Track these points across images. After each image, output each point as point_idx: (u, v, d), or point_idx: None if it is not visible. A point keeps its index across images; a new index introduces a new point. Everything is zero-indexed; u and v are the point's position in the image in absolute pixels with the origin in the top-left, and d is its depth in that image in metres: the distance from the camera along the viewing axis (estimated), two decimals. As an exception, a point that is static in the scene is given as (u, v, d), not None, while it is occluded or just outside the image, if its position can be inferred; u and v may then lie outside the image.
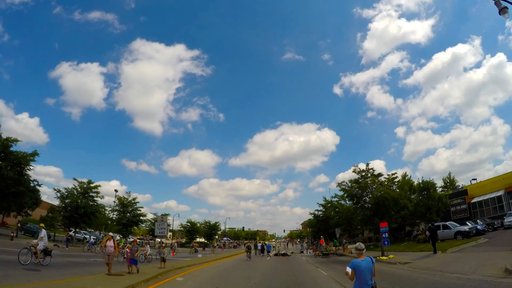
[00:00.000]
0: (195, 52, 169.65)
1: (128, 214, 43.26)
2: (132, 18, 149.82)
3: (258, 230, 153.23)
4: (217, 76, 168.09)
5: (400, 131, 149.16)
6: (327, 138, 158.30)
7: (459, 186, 45.25)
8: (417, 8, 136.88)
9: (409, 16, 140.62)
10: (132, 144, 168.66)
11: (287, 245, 59.91)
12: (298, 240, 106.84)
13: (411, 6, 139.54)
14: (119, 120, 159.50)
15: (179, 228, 68.55)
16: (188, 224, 68.01)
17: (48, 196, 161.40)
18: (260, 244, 43.01)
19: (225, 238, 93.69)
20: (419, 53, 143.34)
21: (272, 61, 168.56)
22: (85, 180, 34.98)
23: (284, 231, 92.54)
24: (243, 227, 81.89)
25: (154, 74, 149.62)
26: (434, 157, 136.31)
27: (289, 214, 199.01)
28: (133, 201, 44.64)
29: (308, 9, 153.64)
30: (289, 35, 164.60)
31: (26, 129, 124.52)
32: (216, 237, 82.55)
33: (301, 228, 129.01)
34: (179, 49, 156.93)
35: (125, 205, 44.35)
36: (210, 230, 71.03)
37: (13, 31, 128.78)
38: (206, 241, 71.67)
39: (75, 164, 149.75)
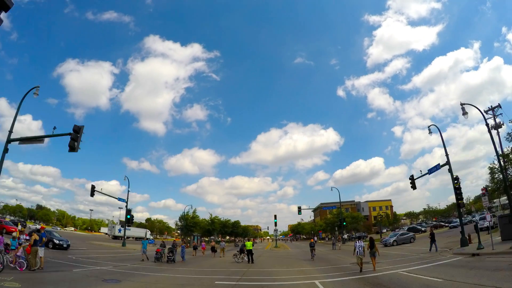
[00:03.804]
0: (209, 53, 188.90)
1: None
2: (149, 20, 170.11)
3: (248, 225, 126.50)
4: (228, 77, 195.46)
5: (398, 130, 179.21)
6: (330, 137, 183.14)
7: None
8: (428, 14, 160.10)
9: (418, 22, 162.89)
10: (135, 144, 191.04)
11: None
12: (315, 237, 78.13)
13: (422, 12, 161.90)
14: (124, 120, 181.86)
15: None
16: None
17: (43, 196, 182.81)
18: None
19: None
20: (421, 57, 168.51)
21: (283, 65, 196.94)
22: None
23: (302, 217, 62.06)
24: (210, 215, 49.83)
25: (165, 73, 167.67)
26: (429, 155, 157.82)
27: (286, 211, 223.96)
28: None
29: (322, 16, 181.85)
30: (301, 41, 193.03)
31: (28, 131, 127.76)
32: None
33: (314, 219, 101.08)
34: (195, 49, 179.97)
35: None
36: None
37: (21, 29, 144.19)
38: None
39: (75, 164, 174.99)
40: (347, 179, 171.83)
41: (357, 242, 16.46)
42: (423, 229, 56.53)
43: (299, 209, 55.13)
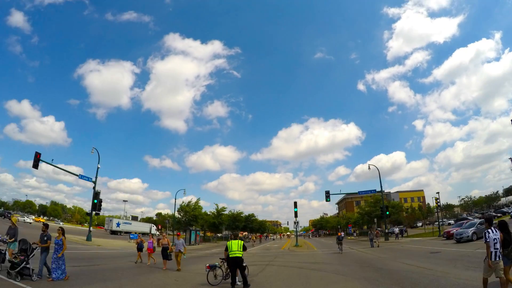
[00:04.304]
0: (229, 50, 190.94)
1: None
2: (168, 18, 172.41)
3: (265, 220, 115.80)
4: (249, 74, 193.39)
5: (419, 124, 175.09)
6: (352, 132, 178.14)
7: None
8: (448, 5, 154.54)
9: (438, 13, 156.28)
10: (156, 142, 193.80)
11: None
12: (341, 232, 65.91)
13: (442, 2, 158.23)
14: (145, 118, 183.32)
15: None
16: None
17: (65, 194, 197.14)
18: None
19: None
20: (442, 49, 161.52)
21: (303, 60, 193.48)
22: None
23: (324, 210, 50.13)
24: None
25: (185, 71, 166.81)
26: (451, 149, 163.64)
27: (307, 207, 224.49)
28: None
29: (341, 10, 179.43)
30: (321, 36, 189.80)
31: (51, 132, 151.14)
32: None
33: (338, 213, 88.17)
34: (215, 47, 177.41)
35: None
36: None
37: (41, 32, 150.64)
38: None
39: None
40: (368, 174, 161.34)
41: (491, 231, 7.00)
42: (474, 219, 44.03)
43: (327, 194, 42.67)
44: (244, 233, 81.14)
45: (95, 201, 33.16)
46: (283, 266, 17.33)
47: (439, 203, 38.10)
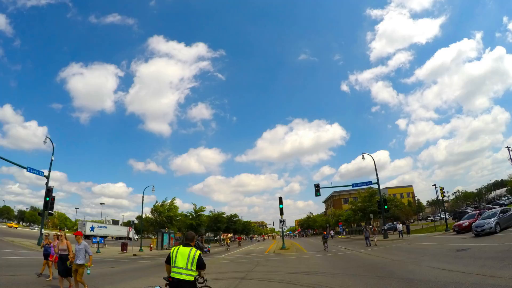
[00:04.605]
0: (214, 52, 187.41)
1: None
2: (153, 21, 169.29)
3: (249, 221, 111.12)
4: (233, 76, 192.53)
5: (402, 123, 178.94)
6: (336, 132, 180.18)
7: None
8: (431, 6, 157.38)
9: (421, 14, 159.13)
10: (141, 145, 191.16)
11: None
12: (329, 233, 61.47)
13: (425, 4, 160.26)
14: (129, 122, 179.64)
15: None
16: None
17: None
18: None
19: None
20: (424, 50, 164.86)
21: (287, 62, 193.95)
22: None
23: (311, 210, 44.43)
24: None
25: (170, 73, 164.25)
26: (434, 147, 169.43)
27: (292, 207, 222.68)
28: None
29: (324, 12, 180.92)
30: (305, 38, 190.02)
31: (34, 137, 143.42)
32: None
33: (325, 211, 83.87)
34: (200, 49, 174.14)
35: None
36: None
37: (24, 36, 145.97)
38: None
39: (81, 168, 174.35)
40: (352, 173, 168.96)
41: None
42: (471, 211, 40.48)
43: (317, 187, 37.36)
44: (228, 235, 75.48)
45: (47, 198, 27.37)
46: (266, 280, 11.84)
47: (444, 195, 33.82)
